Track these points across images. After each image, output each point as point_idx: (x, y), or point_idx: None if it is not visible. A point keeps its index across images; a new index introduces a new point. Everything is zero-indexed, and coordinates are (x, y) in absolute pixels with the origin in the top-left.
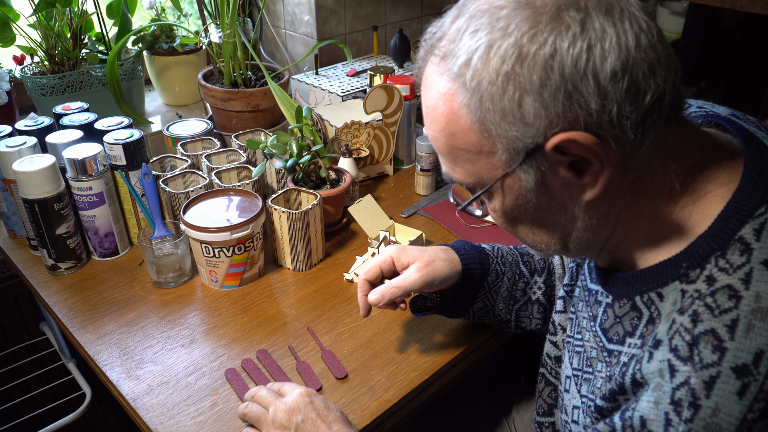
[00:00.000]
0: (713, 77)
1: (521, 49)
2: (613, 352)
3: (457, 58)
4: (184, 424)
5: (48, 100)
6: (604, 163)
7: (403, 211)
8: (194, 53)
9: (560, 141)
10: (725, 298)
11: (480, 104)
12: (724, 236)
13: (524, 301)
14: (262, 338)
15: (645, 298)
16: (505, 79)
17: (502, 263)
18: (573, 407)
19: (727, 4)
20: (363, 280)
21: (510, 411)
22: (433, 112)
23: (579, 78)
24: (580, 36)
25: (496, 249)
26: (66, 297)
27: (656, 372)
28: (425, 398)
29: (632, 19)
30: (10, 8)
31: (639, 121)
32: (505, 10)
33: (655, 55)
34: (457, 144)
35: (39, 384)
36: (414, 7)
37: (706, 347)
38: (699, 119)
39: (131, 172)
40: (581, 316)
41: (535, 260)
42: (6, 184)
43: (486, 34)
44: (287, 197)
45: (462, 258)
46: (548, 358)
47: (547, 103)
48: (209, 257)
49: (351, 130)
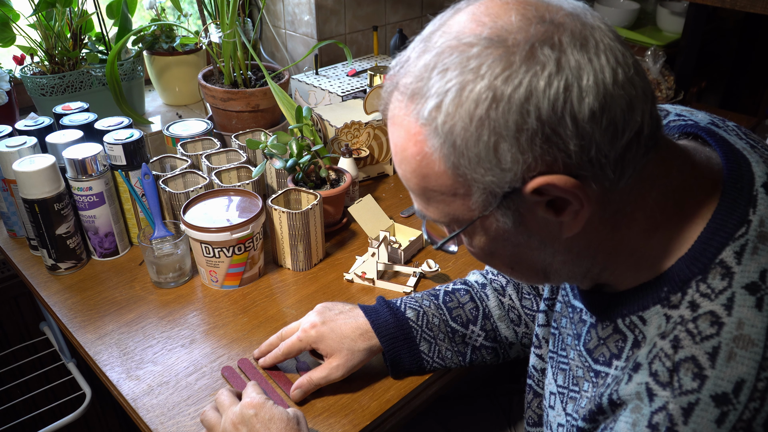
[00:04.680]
0: (713, 77)
1: (495, 91)
2: (600, 373)
3: (427, 99)
4: (184, 424)
5: (48, 100)
6: (583, 203)
7: (403, 211)
8: (194, 53)
9: (539, 185)
10: (707, 324)
11: (453, 149)
12: (705, 260)
13: (470, 351)
14: (262, 338)
15: (627, 321)
16: (479, 124)
17: (429, 330)
18: (558, 425)
19: (727, 4)
20: (281, 354)
21: (510, 411)
22: (402, 152)
23: (557, 120)
24: (556, 75)
25: (422, 315)
26: (66, 297)
27: (633, 394)
28: (425, 398)
29: (608, 51)
30: (10, 8)
31: (618, 158)
32: (476, 48)
33: (633, 90)
34: (429, 186)
35: (39, 384)
36: (414, 7)
37: (686, 374)
38: (677, 130)
39: (131, 172)
40: (565, 332)
41: (467, 310)
42: (6, 184)
43: (457, 75)
44: (287, 197)
45: (383, 341)
46: (534, 371)
47: (524, 148)
48: (209, 257)
49: (351, 130)
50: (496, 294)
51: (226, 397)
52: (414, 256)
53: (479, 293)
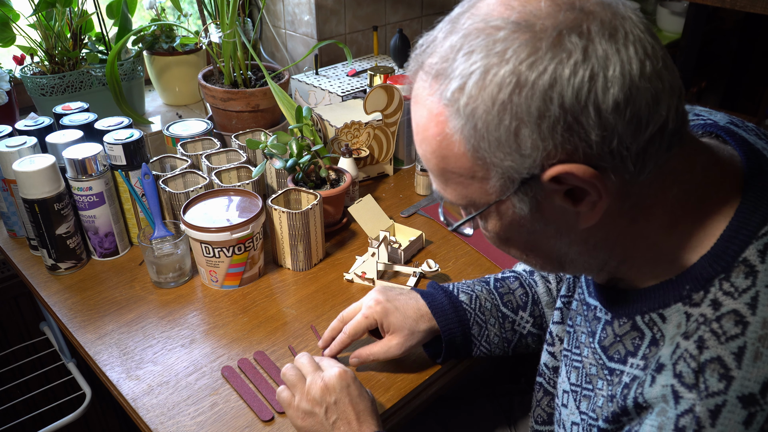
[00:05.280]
0: (713, 77)
1: (519, 77)
2: (615, 371)
3: (451, 80)
4: (184, 424)
5: (48, 100)
6: (602, 194)
7: (403, 211)
8: (194, 53)
9: (557, 173)
10: (731, 324)
11: (474, 132)
12: (728, 258)
13: (517, 338)
14: (262, 338)
15: (646, 318)
16: (502, 108)
17: (481, 313)
18: (572, 423)
19: (727, 4)
20: (347, 336)
21: (510, 411)
22: (423, 132)
23: (580, 109)
24: (582, 64)
25: (474, 299)
26: (66, 297)
27: (659, 397)
28: (425, 398)
29: (637, 43)
30: (10, 8)
31: (640, 151)
32: (503, 31)
33: (660, 84)
34: (448, 167)
35: (39, 384)
36: (414, 7)
37: (713, 375)
38: (698, 129)
39: (131, 172)
40: (579, 330)
41: (517, 296)
42: (6, 184)
43: (482, 57)
44: (287, 197)
45: (441, 323)
46: (546, 368)
47: (545, 135)
48: (209, 257)
49: (351, 130)
50: (544, 280)
51: (308, 360)
52: (414, 256)
53: (528, 280)
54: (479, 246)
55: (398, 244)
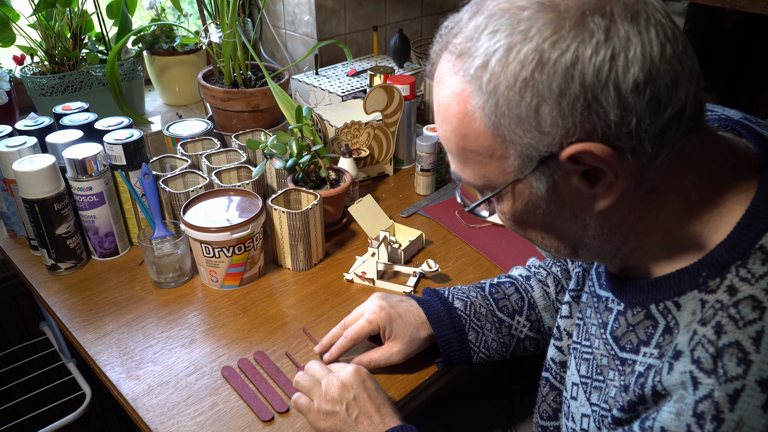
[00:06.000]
0: (713, 77)
1: (542, 55)
2: (627, 361)
3: (474, 58)
4: (184, 424)
5: (48, 100)
6: (618, 175)
7: (403, 211)
8: (194, 53)
9: (576, 152)
10: (749, 309)
11: (495, 109)
12: (745, 245)
13: (515, 343)
14: (262, 338)
15: (661, 306)
16: (523, 85)
17: (476, 319)
18: (582, 415)
19: (727, 4)
20: (348, 341)
21: (510, 411)
22: (445, 111)
23: (600, 88)
24: (604, 44)
25: (469, 305)
26: (66, 297)
27: (678, 384)
28: (425, 398)
29: (658, 27)
30: (10, 8)
31: (658, 133)
32: (527, 11)
33: (679, 67)
34: (468, 146)
35: (39, 384)
36: (414, 7)
37: (731, 360)
38: (713, 123)
39: (131, 172)
40: (590, 322)
41: (512, 300)
42: (6, 184)
43: (506, 36)
44: (287, 197)
45: (437, 331)
46: (553, 363)
47: (564, 113)
48: (209, 257)
49: (351, 130)
50: (541, 285)
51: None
52: (414, 256)
53: (524, 285)
54: (479, 246)
55: (398, 244)
